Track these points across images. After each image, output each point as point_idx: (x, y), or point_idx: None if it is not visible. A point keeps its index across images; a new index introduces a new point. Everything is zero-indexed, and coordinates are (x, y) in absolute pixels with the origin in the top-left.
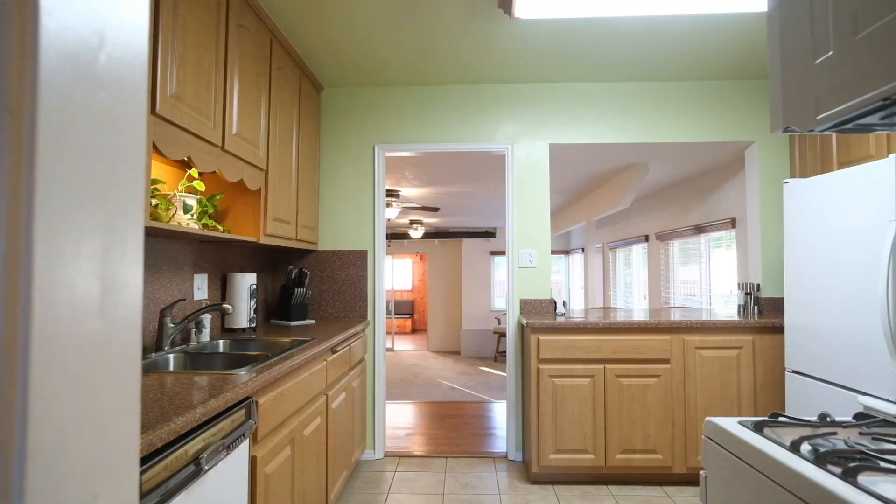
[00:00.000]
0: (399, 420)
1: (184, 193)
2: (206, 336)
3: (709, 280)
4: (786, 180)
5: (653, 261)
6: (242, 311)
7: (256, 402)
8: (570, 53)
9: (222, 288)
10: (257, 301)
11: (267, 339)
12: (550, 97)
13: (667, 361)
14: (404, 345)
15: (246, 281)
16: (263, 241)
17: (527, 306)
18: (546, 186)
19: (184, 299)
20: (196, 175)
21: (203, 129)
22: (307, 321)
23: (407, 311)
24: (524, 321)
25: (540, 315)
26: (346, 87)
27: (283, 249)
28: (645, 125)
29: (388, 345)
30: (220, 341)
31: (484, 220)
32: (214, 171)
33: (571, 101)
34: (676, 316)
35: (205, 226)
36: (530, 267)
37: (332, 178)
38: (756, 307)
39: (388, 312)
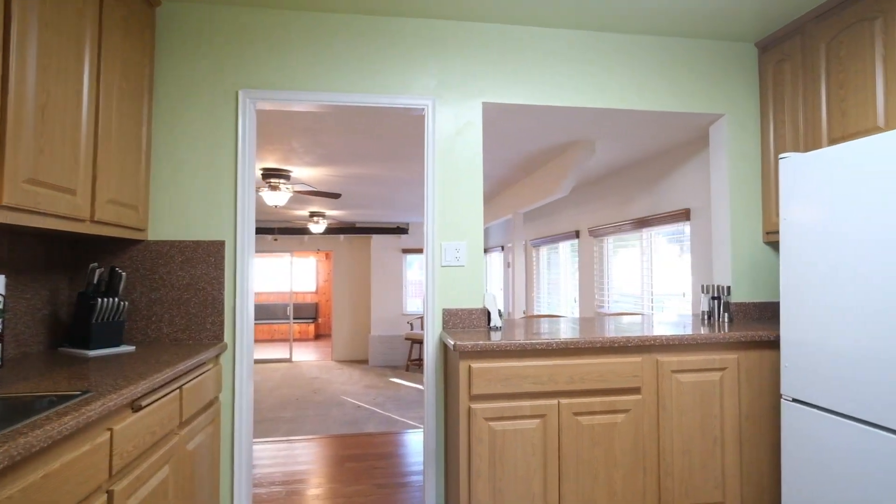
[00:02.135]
0: (281, 468)
1: None
2: None
3: (650, 281)
4: (783, 155)
5: (584, 260)
6: None
7: None
8: None
9: None
10: (3, 321)
11: None
12: (485, 41)
13: (637, 391)
14: (305, 354)
15: None
16: None
17: (452, 318)
18: (479, 159)
19: None
20: None
21: None
22: (120, 348)
23: (309, 316)
24: (450, 341)
25: (470, 331)
26: (196, 1)
27: (88, 239)
28: (599, 86)
29: (286, 355)
30: None
31: (396, 214)
32: None
33: (512, 48)
34: (645, 328)
35: None
36: (456, 265)
37: (173, 135)
38: (726, 314)
39: (287, 317)
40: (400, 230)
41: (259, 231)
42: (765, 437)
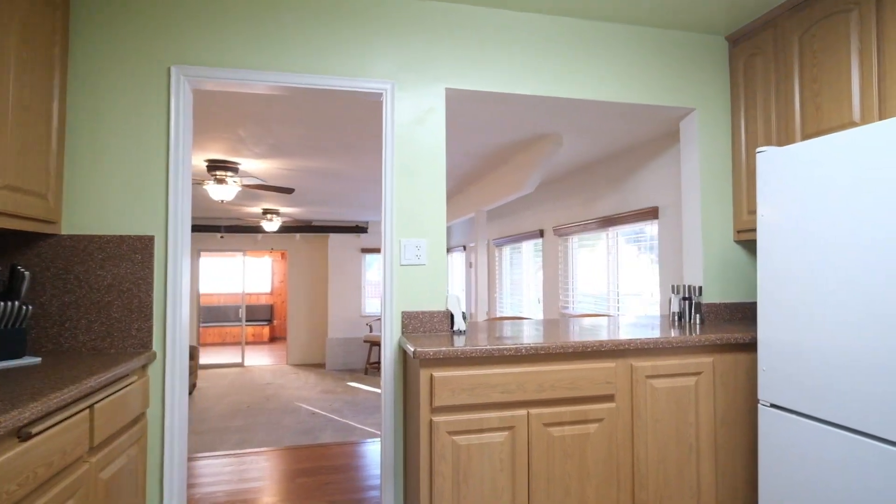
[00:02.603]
0: (224, 486)
1: None
2: None
3: (616, 281)
4: (760, 149)
5: (549, 260)
6: None
7: None
8: None
9: None
10: None
11: None
12: (448, 23)
13: (610, 399)
14: (259, 358)
15: None
16: None
17: (412, 321)
18: (441, 149)
19: None
20: None
21: None
22: (22, 360)
23: (264, 318)
24: (410, 347)
25: (432, 335)
26: None
27: None
28: (568, 74)
29: (238, 359)
30: None
31: (354, 212)
32: None
33: (477, 31)
34: (616, 331)
35: None
36: (417, 264)
37: (94, 115)
38: (698, 316)
39: (239, 319)
40: (359, 229)
41: (205, 228)
42: (741, 443)
